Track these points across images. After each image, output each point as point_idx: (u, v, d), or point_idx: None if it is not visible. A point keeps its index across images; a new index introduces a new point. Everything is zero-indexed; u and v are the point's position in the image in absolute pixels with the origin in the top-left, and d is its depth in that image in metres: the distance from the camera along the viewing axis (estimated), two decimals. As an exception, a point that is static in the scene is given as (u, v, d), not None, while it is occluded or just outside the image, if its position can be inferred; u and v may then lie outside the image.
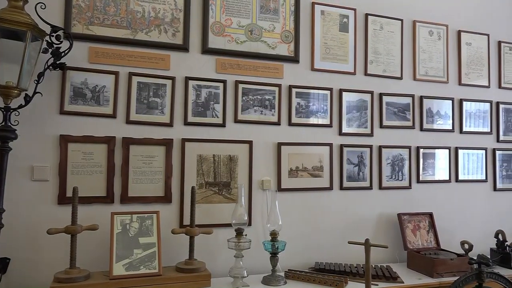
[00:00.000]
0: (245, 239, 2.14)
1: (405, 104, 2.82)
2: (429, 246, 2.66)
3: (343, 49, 2.68)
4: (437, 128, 2.91)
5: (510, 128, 3.12)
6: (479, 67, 3.05)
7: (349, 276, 2.25)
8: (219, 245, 2.32)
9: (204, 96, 2.37)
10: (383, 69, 2.78)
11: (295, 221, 2.52)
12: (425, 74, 2.89)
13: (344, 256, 2.55)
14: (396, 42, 2.82)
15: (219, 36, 2.41)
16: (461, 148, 2.96)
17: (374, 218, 2.71)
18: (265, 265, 2.28)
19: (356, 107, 2.69)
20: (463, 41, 3.01)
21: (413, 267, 2.49)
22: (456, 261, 2.39)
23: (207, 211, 2.33)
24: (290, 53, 2.55)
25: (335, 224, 2.61)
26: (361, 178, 2.68)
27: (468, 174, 2.98)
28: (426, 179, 2.86)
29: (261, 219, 2.44)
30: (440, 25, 2.95)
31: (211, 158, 2.35)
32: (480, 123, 3.05)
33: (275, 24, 2.53)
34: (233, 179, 2.40)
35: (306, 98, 2.58)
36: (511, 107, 3.14)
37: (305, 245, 2.53)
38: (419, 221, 2.71)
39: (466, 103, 3.00)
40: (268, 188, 2.46)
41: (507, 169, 3.09)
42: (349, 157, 2.65)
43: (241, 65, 2.45)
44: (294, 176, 2.52)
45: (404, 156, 2.79)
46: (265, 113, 2.49)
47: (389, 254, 2.67)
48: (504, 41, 3.15)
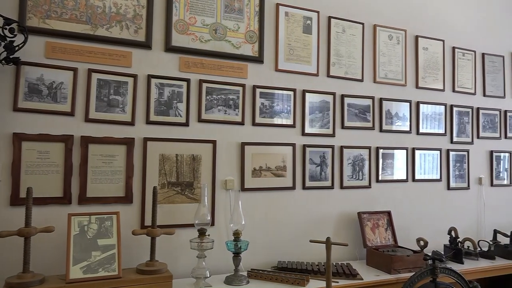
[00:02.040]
0: (207, 239, 2.12)
1: (366, 106, 2.90)
2: (387, 244, 2.75)
3: (307, 50, 2.72)
4: (395, 130, 3.01)
5: (463, 130, 3.28)
6: (435, 71, 3.19)
7: (310, 274, 2.29)
8: (182, 246, 2.29)
9: (167, 95, 2.33)
10: (345, 71, 2.84)
11: (258, 220, 2.53)
12: (384, 77, 2.98)
13: (307, 254, 2.59)
14: (358, 45, 2.90)
15: (183, 35, 2.38)
16: (417, 149, 3.08)
17: (335, 217, 2.77)
18: (228, 265, 2.28)
19: (319, 108, 2.74)
20: (420, 46, 3.14)
21: (372, 264, 2.57)
22: (412, 257, 2.48)
23: (169, 211, 2.29)
24: (255, 53, 2.56)
25: (297, 223, 2.65)
26: (323, 178, 2.73)
27: (424, 173, 3.11)
28: (385, 178, 2.95)
29: (224, 219, 2.44)
30: (399, 30, 3.06)
31: (173, 158, 2.32)
32: (435, 125, 3.18)
33: (239, 24, 2.53)
34: (196, 179, 2.37)
35: (270, 98, 2.59)
36: (464, 110, 3.30)
37: (268, 244, 2.55)
38: (378, 220, 2.79)
39: (423, 105, 3.12)
40: (231, 188, 2.46)
41: (459, 169, 3.25)
42: (311, 157, 2.69)
43: (205, 64, 2.43)
44: (258, 176, 2.53)
45: (364, 156, 2.87)
46: (229, 112, 2.48)
47: (349, 251, 2.74)
48: (458, 47, 3.30)
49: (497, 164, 3.43)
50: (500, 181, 3.44)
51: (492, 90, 3.44)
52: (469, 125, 3.31)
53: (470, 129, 3.32)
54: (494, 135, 3.43)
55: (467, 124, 3.30)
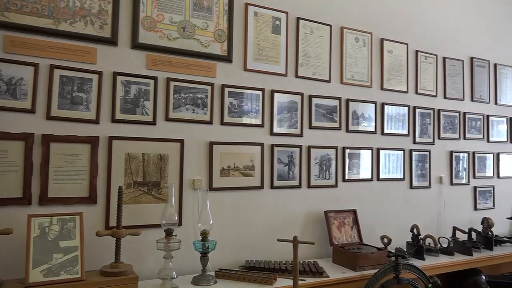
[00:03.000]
0: (174, 239, 2.10)
1: (333, 106, 2.95)
2: (353, 241, 2.81)
3: (275, 50, 2.74)
4: (361, 130, 3.08)
5: (425, 131, 3.40)
6: (399, 73, 3.29)
7: (278, 273, 2.30)
8: (148, 247, 2.25)
9: (134, 93, 2.28)
10: (313, 72, 2.88)
11: (227, 220, 2.53)
12: (351, 78, 3.05)
13: (274, 253, 2.61)
14: (325, 46, 2.94)
15: (150, 32, 2.34)
16: (382, 149, 3.16)
17: (302, 216, 2.80)
18: (195, 265, 2.26)
19: (287, 108, 2.76)
20: (385, 49, 3.22)
21: (338, 261, 2.61)
22: (376, 254, 2.54)
23: (135, 211, 2.25)
24: (223, 52, 2.55)
25: (265, 222, 2.66)
26: (291, 177, 2.76)
27: (388, 173, 3.20)
28: (351, 178, 3.02)
29: (192, 219, 2.42)
30: (365, 33, 3.13)
31: (140, 157, 2.28)
32: (399, 126, 3.28)
33: (208, 22, 2.51)
34: (163, 178, 2.34)
35: (239, 98, 2.59)
36: (426, 112, 3.42)
37: (236, 244, 2.55)
38: (344, 218, 2.85)
39: (387, 106, 3.21)
40: (199, 188, 2.44)
41: (421, 168, 3.36)
42: (279, 156, 2.71)
43: (173, 62, 2.40)
44: (226, 175, 2.53)
45: (331, 156, 2.92)
46: (197, 111, 2.46)
47: (316, 250, 2.78)
48: (420, 50, 3.42)
49: (457, 163, 3.58)
50: (459, 180, 3.59)
51: (452, 92, 3.59)
52: (431, 126, 3.44)
53: (431, 130, 3.44)
54: (454, 136, 3.58)
55: (429, 125, 3.42)
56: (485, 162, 3.77)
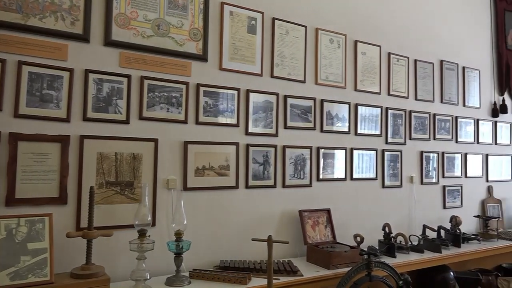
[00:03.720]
0: (148, 240, 2.07)
1: (308, 107, 2.98)
2: (327, 240, 2.84)
3: (251, 50, 2.74)
4: (335, 130, 3.12)
5: (397, 131, 3.48)
6: (372, 75, 3.35)
7: (252, 273, 2.31)
8: (121, 248, 2.21)
9: (106, 91, 2.24)
10: (288, 72, 2.90)
11: (201, 220, 2.51)
12: (325, 79, 3.08)
13: (249, 253, 2.61)
14: (300, 47, 2.96)
15: (124, 29, 2.30)
16: (355, 149, 3.21)
17: (277, 215, 2.81)
18: (169, 266, 2.24)
19: (262, 108, 2.77)
20: (359, 51, 3.28)
21: (312, 260, 2.64)
22: (350, 253, 2.58)
23: (107, 212, 2.20)
24: (199, 51, 2.53)
25: (240, 222, 2.66)
26: (266, 177, 2.76)
27: (361, 173, 3.25)
28: (325, 177, 3.05)
29: (166, 219, 2.39)
30: (339, 34, 3.17)
31: (113, 157, 2.24)
32: (372, 126, 3.34)
33: (183, 20, 2.49)
34: (137, 178, 2.30)
35: (214, 97, 2.58)
36: (398, 113, 3.50)
37: (211, 244, 2.54)
38: (318, 217, 2.88)
39: (361, 107, 3.26)
40: (173, 188, 2.41)
41: (393, 168, 3.44)
42: (254, 156, 2.72)
43: (147, 60, 2.37)
44: (201, 175, 2.51)
45: (306, 156, 2.95)
46: (171, 110, 2.43)
47: (290, 249, 2.80)
48: (393, 53, 3.49)
49: (427, 163, 3.68)
50: (429, 179, 3.69)
51: (422, 94, 3.69)
52: (402, 127, 3.52)
53: (403, 131, 3.52)
54: (424, 136, 3.68)
55: (400, 126, 3.50)
56: (454, 162, 3.90)
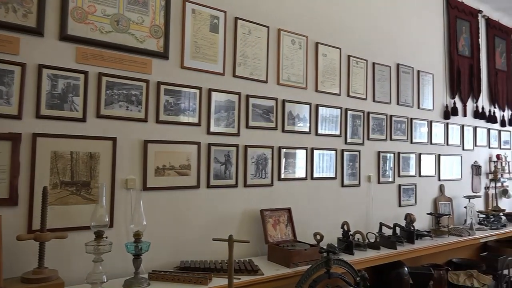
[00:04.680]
0: (105, 241, 2.01)
1: (270, 107, 3.00)
2: (287, 239, 2.88)
3: (213, 49, 2.73)
4: (297, 130, 3.16)
5: (355, 132, 3.58)
6: (332, 76, 3.42)
7: (213, 273, 2.30)
8: (76, 250, 2.14)
9: (62, 88, 2.15)
10: (250, 72, 2.91)
11: (161, 220, 2.47)
12: (287, 80, 3.12)
13: (210, 253, 2.60)
14: (263, 47, 2.98)
15: (81, 23, 2.22)
16: (316, 149, 3.27)
17: (239, 214, 2.82)
18: (128, 268, 2.19)
19: (224, 107, 2.76)
20: (320, 52, 3.34)
21: (273, 259, 2.67)
22: (309, 251, 2.63)
23: (62, 213, 2.12)
24: (160, 48, 2.49)
25: (201, 222, 2.64)
26: (228, 177, 2.76)
27: (321, 172, 3.32)
28: (287, 177, 3.09)
29: (125, 220, 2.33)
30: (301, 36, 3.22)
31: (68, 156, 2.15)
32: (332, 127, 3.41)
33: (144, 17, 2.44)
34: (94, 178, 2.23)
35: (175, 96, 2.55)
36: (357, 114, 3.59)
37: (171, 245, 2.50)
38: (279, 216, 2.91)
39: (322, 108, 3.33)
40: (132, 188, 2.36)
41: (352, 167, 3.53)
42: (216, 156, 2.71)
43: (106, 56, 2.30)
44: (161, 174, 2.47)
45: (267, 155, 2.97)
46: (131, 109, 2.38)
47: (252, 248, 2.81)
48: (352, 55, 3.59)
49: (384, 163, 3.80)
50: (386, 178, 3.82)
51: (380, 96, 3.81)
52: (361, 127, 3.62)
53: (361, 131, 3.63)
54: (381, 137, 3.80)
55: (359, 127, 3.60)
56: (409, 162, 4.06)
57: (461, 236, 3.75)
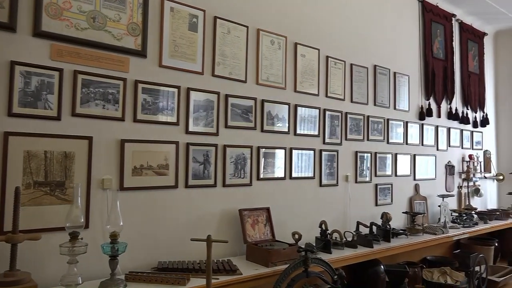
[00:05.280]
0: (80, 243, 1.97)
1: (249, 106, 3.00)
2: (266, 238, 2.88)
3: (192, 48, 2.71)
4: (276, 130, 3.17)
5: (333, 132, 3.62)
6: (311, 77, 3.45)
7: (191, 273, 2.28)
8: (50, 252, 2.09)
9: (35, 85, 2.10)
10: (229, 71, 2.90)
11: (139, 221, 2.44)
12: (266, 80, 3.13)
13: (189, 253, 2.58)
14: (242, 47, 2.98)
15: (56, 20, 2.17)
16: (295, 149, 3.30)
17: (217, 214, 2.81)
18: (104, 270, 2.14)
19: (203, 107, 2.75)
20: (299, 53, 3.36)
21: (252, 259, 2.67)
22: (288, 250, 2.64)
23: (35, 214, 2.07)
24: (137, 46, 2.46)
25: (180, 222, 2.62)
26: (206, 176, 2.75)
27: (300, 172, 3.34)
28: (266, 176, 3.10)
29: (101, 221, 2.29)
30: (280, 36, 3.23)
31: (42, 155, 2.10)
32: (311, 127, 3.44)
33: (121, 14, 2.40)
34: (69, 178, 2.18)
35: (153, 94, 2.52)
36: (335, 114, 3.64)
37: (149, 245, 2.47)
38: (258, 216, 2.92)
39: (300, 108, 3.35)
40: (109, 187, 2.32)
41: (330, 167, 3.57)
42: (195, 155, 2.69)
43: (81, 54, 2.25)
44: (138, 174, 2.44)
45: (246, 155, 2.97)
46: (108, 107, 2.34)
47: (230, 248, 2.81)
48: (331, 56, 3.63)
49: (361, 163, 3.86)
50: (363, 178, 3.88)
51: (358, 97, 3.86)
52: (339, 128, 3.67)
53: (339, 132, 3.67)
54: (359, 137, 3.86)
55: (337, 127, 3.65)
56: (385, 162, 4.13)
57: (435, 234, 3.84)
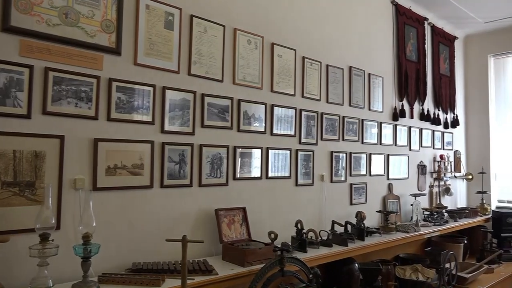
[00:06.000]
0: (51, 244, 1.91)
1: (225, 106, 2.99)
2: (242, 238, 2.88)
3: (168, 47, 2.68)
4: (252, 130, 3.18)
5: (309, 132, 3.65)
6: (287, 77, 3.47)
7: (166, 274, 2.25)
8: (19, 254, 2.02)
9: (4, 82, 2.03)
10: (206, 70, 2.88)
11: (112, 221, 2.39)
12: (243, 79, 3.12)
13: (164, 254, 2.55)
14: (219, 46, 2.97)
15: (26, 15, 2.10)
16: (271, 149, 3.31)
17: (193, 214, 2.79)
18: (77, 272, 2.09)
19: (179, 106, 2.72)
20: (275, 53, 3.38)
21: (228, 258, 2.66)
22: (264, 249, 2.65)
23: (3, 215, 2.00)
24: (111, 44, 2.41)
25: (155, 223, 2.59)
26: (182, 176, 2.72)
27: (276, 171, 3.36)
28: (242, 176, 3.09)
29: (73, 222, 2.23)
30: (257, 36, 3.24)
31: (10, 154, 2.03)
32: (287, 127, 3.46)
33: (95, 10, 2.35)
34: (39, 178, 2.12)
35: (128, 93, 2.47)
36: (311, 114, 3.67)
37: (123, 246, 2.43)
38: (234, 216, 2.91)
39: (277, 108, 3.36)
40: (81, 188, 2.27)
41: (306, 167, 3.60)
42: (170, 155, 2.66)
43: (53, 50, 2.19)
44: (112, 174, 2.39)
45: (222, 155, 2.96)
46: (80, 106, 2.28)
47: (206, 248, 2.79)
48: (307, 57, 3.66)
49: (336, 163, 3.91)
50: (338, 177, 3.93)
51: (333, 97, 3.91)
52: (315, 128, 3.70)
53: (315, 132, 3.71)
54: (334, 137, 3.91)
55: (313, 127, 3.68)
56: (360, 161, 4.20)
57: (408, 232, 3.93)
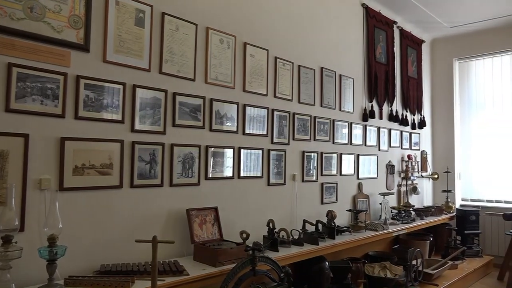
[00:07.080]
0: (14, 247, 1.85)
1: (197, 105, 2.97)
2: (214, 238, 2.87)
3: (139, 44, 2.63)
4: (224, 129, 3.16)
5: (281, 132, 3.68)
6: (260, 77, 3.48)
7: (136, 275, 2.22)
8: (-21, 258, 1.94)
9: (-37, 77, 1.94)
10: (177, 69, 2.85)
11: (80, 223, 2.33)
12: (215, 79, 3.11)
13: (134, 255, 2.51)
14: (191, 45, 2.94)
15: (-12, 8, 2.02)
16: (243, 148, 3.31)
17: (164, 214, 2.75)
18: (42, 275, 2.03)
19: (150, 105, 2.68)
20: (248, 53, 3.38)
21: (199, 259, 2.64)
22: (235, 249, 2.65)
23: (-38, 217, 1.91)
24: (79, 40, 2.34)
25: (124, 223, 2.54)
26: (153, 176, 2.68)
27: (249, 171, 3.36)
28: (214, 176, 3.08)
29: (38, 223, 2.16)
30: (229, 35, 3.23)
31: (-30, 153, 1.95)
32: (259, 127, 3.47)
33: (62, 5, 2.28)
34: (2, 178, 2.04)
35: (97, 91, 2.42)
36: (283, 114, 3.69)
37: (91, 248, 2.37)
38: (206, 215, 2.89)
39: (249, 108, 3.37)
40: (47, 188, 2.19)
41: (278, 167, 3.62)
42: (140, 154, 2.62)
43: (17, 45, 2.11)
44: (80, 174, 2.33)
45: (194, 154, 2.94)
46: (46, 103, 2.21)
47: (177, 248, 2.76)
48: (279, 57, 3.68)
49: (308, 162, 3.95)
50: (310, 177, 3.98)
51: (305, 98, 3.95)
52: (287, 128, 3.73)
53: (287, 132, 3.73)
54: (306, 137, 3.95)
55: (285, 127, 3.71)
56: (331, 161, 4.26)
57: (377, 230, 4.02)
